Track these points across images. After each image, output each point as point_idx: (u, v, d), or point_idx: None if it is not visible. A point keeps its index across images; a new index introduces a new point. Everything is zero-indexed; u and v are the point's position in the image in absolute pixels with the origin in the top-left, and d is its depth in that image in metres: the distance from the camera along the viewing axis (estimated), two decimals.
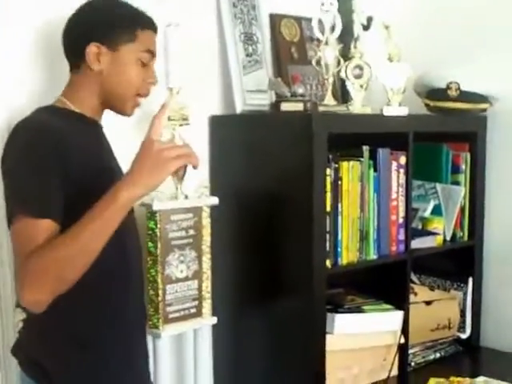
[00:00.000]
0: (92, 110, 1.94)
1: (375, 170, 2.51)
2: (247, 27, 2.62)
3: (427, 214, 2.80)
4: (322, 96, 2.61)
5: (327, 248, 2.37)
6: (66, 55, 1.95)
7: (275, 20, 2.76)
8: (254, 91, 2.59)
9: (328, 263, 2.38)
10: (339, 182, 2.41)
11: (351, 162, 2.44)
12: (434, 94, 2.72)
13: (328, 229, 2.37)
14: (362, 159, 2.47)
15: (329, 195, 2.36)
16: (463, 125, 2.79)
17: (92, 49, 1.87)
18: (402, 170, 2.57)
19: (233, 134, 2.58)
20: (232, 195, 2.56)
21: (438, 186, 2.81)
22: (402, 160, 2.57)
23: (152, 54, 1.96)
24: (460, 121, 2.76)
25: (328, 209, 2.36)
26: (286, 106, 2.46)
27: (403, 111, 2.65)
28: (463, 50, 2.86)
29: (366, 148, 2.48)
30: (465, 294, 2.86)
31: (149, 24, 1.96)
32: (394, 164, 2.55)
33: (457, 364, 2.78)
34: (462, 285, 2.86)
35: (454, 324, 2.81)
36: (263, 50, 2.67)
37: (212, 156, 2.62)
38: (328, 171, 2.35)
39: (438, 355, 2.78)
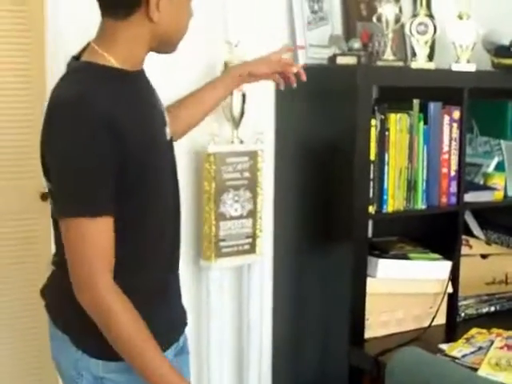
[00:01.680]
0: (138, 62, 1.81)
1: (425, 123, 2.60)
2: None
3: (490, 169, 2.86)
4: (383, 51, 2.71)
5: (370, 195, 2.51)
6: (109, 3, 1.74)
7: None
8: (317, 46, 2.74)
9: (371, 209, 2.52)
10: (386, 133, 2.53)
11: (399, 114, 2.54)
12: (500, 51, 2.77)
13: (372, 176, 2.50)
14: (411, 112, 2.57)
15: (373, 145, 2.48)
16: None
17: None
18: (455, 125, 2.64)
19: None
20: (294, 142, 2.77)
21: (503, 143, 2.86)
22: (456, 115, 2.64)
23: None
24: None
25: (372, 157, 2.49)
26: (341, 60, 2.60)
27: (471, 67, 2.73)
28: None
29: (416, 101, 2.58)
30: None
31: None
32: (447, 118, 2.63)
33: (511, 319, 2.82)
34: None
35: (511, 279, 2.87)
36: (330, 8, 2.81)
37: (276, 105, 2.80)
38: (373, 122, 2.47)
39: (492, 309, 2.84)
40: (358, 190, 2.47)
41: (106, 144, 1.63)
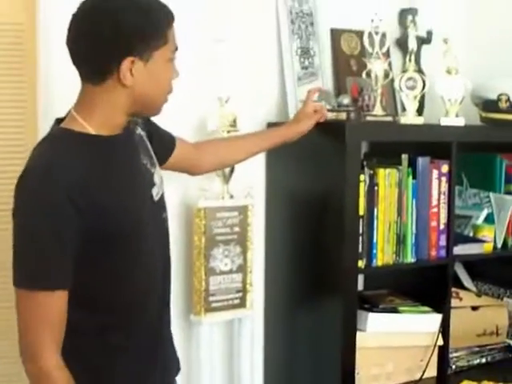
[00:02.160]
0: (117, 127, 1.80)
1: (414, 178, 2.63)
2: (304, 42, 2.82)
3: (480, 221, 2.88)
4: (373, 105, 2.75)
5: (360, 249, 2.53)
6: (83, 69, 1.75)
7: (335, 34, 2.94)
8: None
9: (361, 263, 2.54)
10: (375, 188, 2.55)
11: (388, 170, 2.58)
12: (487, 105, 2.80)
13: (361, 231, 2.53)
14: (400, 167, 2.60)
15: (362, 200, 2.51)
16: None
17: (126, 64, 1.70)
18: (443, 178, 2.67)
19: None
20: (284, 196, 2.80)
21: (492, 195, 2.89)
22: (445, 169, 2.66)
23: (177, 48, 1.83)
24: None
25: (361, 212, 2.51)
26: (331, 116, 2.63)
27: (460, 122, 2.76)
28: None
29: (404, 156, 2.61)
30: None
31: (172, 18, 1.80)
32: (435, 172, 2.65)
33: (501, 370, 2.83)
34: None
35: (502, 331, 2.88)
36: (320, 63, 2.85)
37: (267, 159, 2.83)
38: (362, 177, 2.50)
39: (483, 360, 2.86)
40: (347, 245, 2.49)
41: (69, 218, 1.64)
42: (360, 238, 2.52)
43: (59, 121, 1.81)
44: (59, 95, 2.29)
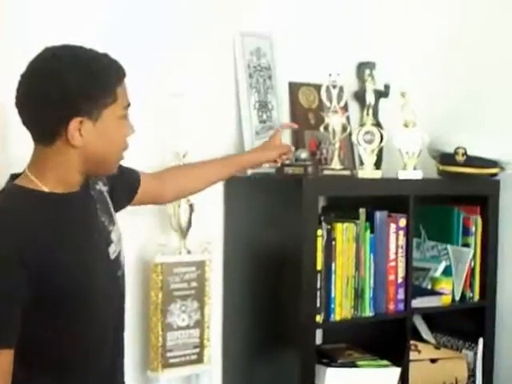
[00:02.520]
0: (72, 185, 1.78)
1: (372, 232, 2.64)
2: (263, 96, 2.83)
3: (437, 274, 2.90)
4: (331, 158, 2.76)
5: (318, 304, 2.52)
6: (32, 130, 1.73)
7: (294, 88, 2.95)
8: None
9: (319, 318, 2.53)
10: (333, 243, 2.56)
11: (345, 224, 2.59)
12: (444, 158, 2.83)
13: (319, 286, 2.52)
14: (357, 221, 2.61)
15: (320, 254, 2.51)
16: (473, 189, 2.87)
17: (74, 125, 1.67)
18: (401, 232, 2.69)
19: (243, 195, 2.78)
20: (242, 250, 2.78)
21: (449, 248, 2.91)
22: (402, 222, 2.68)
23: (129, 104, 1.79)
24: (469, 185, 2.84)
25: (319, 267, 2.51)
26: (288, 170, 2.63)
27: (417, 175, 2.79)
28: (473, 116, 2.99)
29: (362, 210, 2.63)
30: (475, 354, 2.91)
31: (123, 75, 1.77)
32: (393, 226, 2.67)
33: None
34: (472, 345, 2.92)
35: (462, 383, 2.87)
36: (278, 117, 2.87)
37: (226, 213, 2.82)
38: (320, 232, 2.51)
39: None
40: (305, 300, 2.48)
41: (16, 279, 1.61)
42: (318, 293, 2.52)
43: (14, 176, 1.79)
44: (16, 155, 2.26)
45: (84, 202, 1.84)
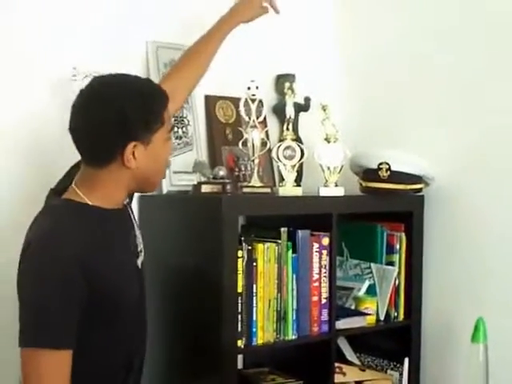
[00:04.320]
0: (117, 202, 1.95)
1: (294, 252, 2.54)
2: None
3: (361, 293, 2.81)
4: (250, 175, 2.65)
5: (239, 328, 2.40)
6: (87, 154, 1.87)
7: (210, 101, 2.84)
8: (181, 172, 2.67)
9: (240, 343, 2.41)
10: (254, 264, 2.45)
11: (266, 244, 2.48)
12: (367, 174, 2.75)
13: (240, 309, 2.41)
14: (279, 241, 2.51)
15: (241, 276, 2.40)
16: (397, 205, 2.80)
17: (130, 149, 1.83)
18: (324, 251, 2.59)
19: (159, 213, 2.65)
20: (161, 272, 2.62)
21: (373, 266, 2.82)
22: (325, 241, 2.59)
23: (173, 127, 2.01)
24: (393, 201, 2.77)
25: (239, 290, 2.40)
26: (206, 189, 2.52)
27: (339, 191, 2.70)
28: (396, 130, 2.92)
29: (283, 230, 2.52)
30: (401, 374, 2.83)
31: (167, 99, 1.93)
32: (316, 245, 2.58)
33: None
34: (398, 365, 2.84)
35: None
36: (194, 132, 2.74)
37: (142, 233, 2.68)
38: (240, 253, 2.39)
39: None
40: (225, 324, 2.36)
41: (75, 282, 1.73)
42: (239, 317, 2.40)
43: (55, 191, 1.94)
44: None
45: (125, 217, 2.04)
